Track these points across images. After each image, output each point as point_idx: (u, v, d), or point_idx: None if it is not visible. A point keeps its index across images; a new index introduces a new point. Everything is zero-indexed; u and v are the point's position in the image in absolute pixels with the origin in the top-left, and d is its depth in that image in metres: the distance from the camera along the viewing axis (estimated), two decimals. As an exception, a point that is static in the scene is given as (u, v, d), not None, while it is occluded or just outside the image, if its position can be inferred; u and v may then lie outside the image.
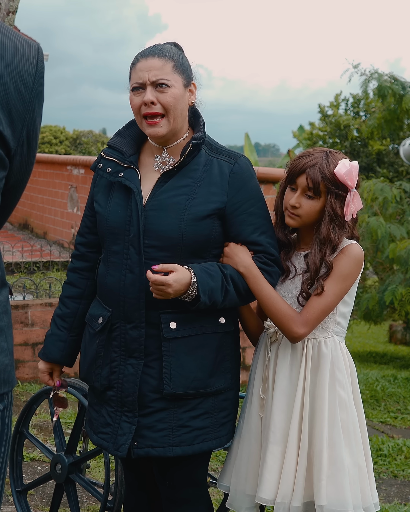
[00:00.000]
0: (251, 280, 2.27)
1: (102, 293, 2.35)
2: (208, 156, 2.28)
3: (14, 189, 1.59)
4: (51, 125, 31.44)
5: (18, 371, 5.62)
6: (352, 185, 2.29)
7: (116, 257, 2.28)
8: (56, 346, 2.49)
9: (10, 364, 1.61)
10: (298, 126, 23.59)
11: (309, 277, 2.30)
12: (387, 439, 5.02)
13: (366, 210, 8.04)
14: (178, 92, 2.21)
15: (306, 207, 2.32)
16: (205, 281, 2.17)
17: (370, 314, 8.55)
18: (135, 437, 2.27)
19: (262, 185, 5.81)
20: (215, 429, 2.32)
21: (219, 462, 4.31)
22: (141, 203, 2.23)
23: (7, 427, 1.61)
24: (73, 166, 9.67)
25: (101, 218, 2.32)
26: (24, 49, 1.50)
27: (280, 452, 2.31)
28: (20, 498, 3.25)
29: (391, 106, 10.01)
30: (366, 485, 2.33)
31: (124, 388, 2.27)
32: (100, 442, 2.35)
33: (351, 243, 2.32)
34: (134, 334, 2.25)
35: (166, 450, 2.26)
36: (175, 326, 2.23)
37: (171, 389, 2.23)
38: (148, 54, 2.23)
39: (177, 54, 2.25)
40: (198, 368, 2.26)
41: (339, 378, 2.31)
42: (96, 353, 2.34)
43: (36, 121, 1.54)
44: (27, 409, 3.26)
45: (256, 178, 2.34)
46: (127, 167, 2.29)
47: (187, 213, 2.21)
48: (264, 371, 2.41)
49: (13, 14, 4.87)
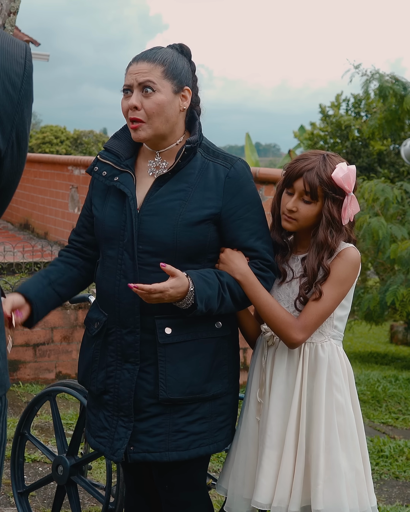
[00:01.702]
0: (247, 287, 2.26)
1: (99, 297, 2.36)
2: (204, 160, 2.26)
3: (5, 190, 1.57)
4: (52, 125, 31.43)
5: (19, 372, 5.62)
6: (349, 189, 2.28)
7: (111, 262, 2.27)
8: (34, 285, 2.35)
9: (3, 367, 1.59)
10: (299, 126, 23.60)
11: (307, 281, 2.30)
12: (388, 440, 5.01)
13: (367, 211, 8.02)
14: (164, 98, 2.18)
15: (303, 211, 2.31)
16: (202, 289, 2.16)
17: (371, 315, 8.54)
18: (132, 441, 2.27)
19: (263, 185, 5.80)
20: (212, 433, 2.32)
21: (220, 463, 4.31)
22: (136, 208, 2.22)
23: (1, 431, 1.59)
24: (74, 167, 9.67)
25: (98, 223, 2.32)
26: (11, 48, 1.48)
27: (276, 456, 2.31)
28: (21, 499, 3.26)
29: (392, 107, 9.99)
30: (364, 489, 2.33)
31: (120, 393, 2.27)
32: (98, 446, 2.35)
33: (348, 247, 2.32)
34: (130, 339, 2.24)
35: (163, 455, 2.26)
36: (171, 332, 2.22)
37: (167, 395, 2.22)
38: (140, 58, 2.23)
39: (171, 59, 2.22)
40: (194, 373, 2.25)
41: (336, 382, 2.30)
42: (93, 357, 2.34)
43: (25, 122, 1.52)
44: (28, 410, 3.26)
45: (252, 182, 2.31)
46: (123, 171, 2.28)
47: (181, 219, 2.19)
48: (260, 375, 2.41)
49: (14, 14, 4.88)
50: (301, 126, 23.46)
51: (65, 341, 5.85)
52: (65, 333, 5.85)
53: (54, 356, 5.82)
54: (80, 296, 3.24)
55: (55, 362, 5.83)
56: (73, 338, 5.88)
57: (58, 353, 5.84)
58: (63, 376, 5.84)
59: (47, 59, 13.89)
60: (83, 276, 2.46)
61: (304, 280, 2.31)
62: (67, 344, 5.86)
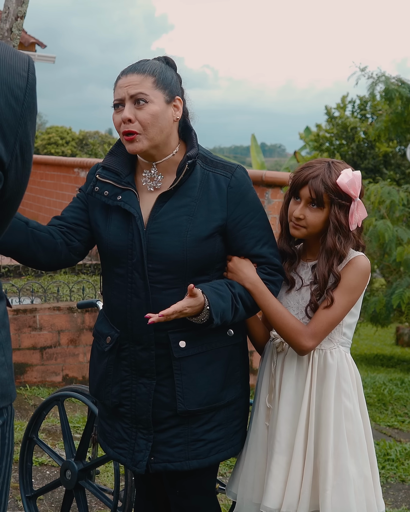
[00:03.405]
0: (257, 296, 2.27)
1: (110, 312, 2.33)
2: (203, 171, 2.23)
3: (10, 202, 1.58)
4: (57, 126, 31.50)
5: (26, 375, 5.64)
6: (355, 194, 2.29)
7: (121, 280, 2.24)
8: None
9: (8, 378, 1.59)
10: (304, 127, 23.60)
11: (318, 288, 2.31)
12: (394, 443, 5.01)
13: (373, 213, 8.03)
14: (158, 109, 2.15)
15: (310, 218, 2.32)
16: (217, 303, 2.15)
17: (377, 317, 8.54)
18: (152, 452, 2.28)
19: (270, 189, 5.81)
20: (229, 438, 2.34)
21: (226, 467, 4.32)
22: (143, 227, 2.19)
23: (8, 442, 1.59)
24: (80, 169, 9.69)
25: (102, 240, 2.27)
26: (14, 62, 1.48)
27: (285, 461, 2.32)
28: (29, 503, 3.27)
29: (398, 109, 10.01)
30: (372, 494, 2.34)
31: (138, 407, 2.26)
32: (118, 457, 2.35)
33: (358, 255, 2.33)
34: (145, 356, 2.23)
35: (183, 464, 2.27)
36: (185, 345, 2.21)
37: (185, 407, 2.23)
38: (129, 71, 2.19)
39: (160, 69, 2.19)
40: (210, 383, 2.26)
41: (345, 389, 2.31)
42: (106, 372, 2.32)
43: (28, 134, 1.53)
44: (36, 415, 3.28)
45: (253, 188, 2.31)
46: (125, 188, 2.25)
47: (189, 235, 2.18)
48: (270, 381, 2.42)
49: (21, 19, 4.89)
50: (307, 128, 23.46)
51: (72, 344, 5.86)
52: (72, 336, 5.87)
53: (61, 359, 5.84)
54: (88, 301, 3.25)
55: (62, 365, 5.85)
56: (80, 341, 5.89)
57: (65, 356, 5.85)
58: (70, 379, 5.85)
59: (53, 61, 13.87)
60: (58, 247, 2.29)
61: (315, 287, 2.32)
62: (74, 347, 5.87)
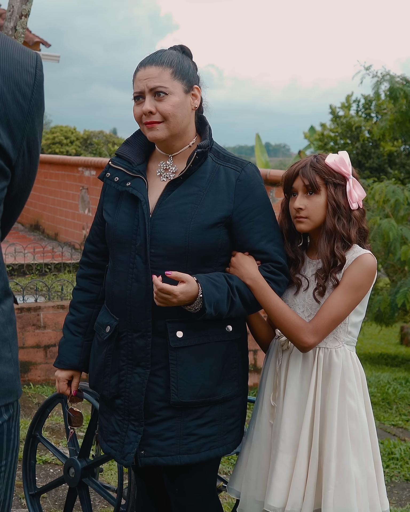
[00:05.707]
0: (258, 291, 2.27)
1: (110, 301, 2.36)
2: (214, 164, 2.28)
3: (17, 198, 1.59)
4: (61, 125, 31.50)
5: (30, 373, 5.64)
6: (347, 172, 2.32)
7: (123, 266, 2.28)
8: (73, 352, 2.48)
9: (15, 374, 1.59)
10: (309, 127, 23.57)
11: (322, 269, 2.31)
12: (399, 442, 4.99)
13: (378, 212, 8.00)
14: (178, 99, 2.20)
15: (311, 206, 2.33)
16: (210, 293, 2.16)
17: (381, 316, 8.52)
18: (142, 445, 2.28)
19: (274, 187, 5.80)
20: (222, 436, 2.33)
21: (230, 465, 4.31)
22: (148, 212, 2.23)
23: (14, 437, 1.60)
24: (85, 168, 9.70)
25: (109, 227, 2.33)
26: (22, 58, 1.48)
27: (290, 460, 2.32)
28: (33, 501, 3.27)
29: (403, 108, 9.97)
30: (375, 494, 2.34)
31: (131, 397, 2.28)
32: (109, 450, 2.37)
33: (365, 253, 2.32)
34: (141, 343, 2.25)
35: (174, 459, 2.27)
36: (182, 335, 2.23)
37: (179, 398, 2.23)
38: (147, 62, 2.23)
39: (177, 60, 2.23)
40: (206, 376, 2.26)
41: (349, 388, 2.31)
42: (105, 361, 2.34)
43: (36, 131, 1.53)
44: (40, 413, 3.28)
45: (263, 186, 2.33)
46: (135, 176, 2.29)
47: (193, 222, 2.21)
48: (274, 379, 2.42)
49: (25, 17, 4.90)
50: (311, 127, 23.43)
51: (76, 343, 5.84)
52: (76, 335, 5.84)
53: (65, 358, 5.82)
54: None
55: (66, 364, 5.83)
56: (84, 339, 5.87)
57: (68, 354, 5.83)
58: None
59: (57, 60, 13.88)
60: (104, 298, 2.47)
61: (319, 269, 2.32)
62: (78, 346, 5.86)
